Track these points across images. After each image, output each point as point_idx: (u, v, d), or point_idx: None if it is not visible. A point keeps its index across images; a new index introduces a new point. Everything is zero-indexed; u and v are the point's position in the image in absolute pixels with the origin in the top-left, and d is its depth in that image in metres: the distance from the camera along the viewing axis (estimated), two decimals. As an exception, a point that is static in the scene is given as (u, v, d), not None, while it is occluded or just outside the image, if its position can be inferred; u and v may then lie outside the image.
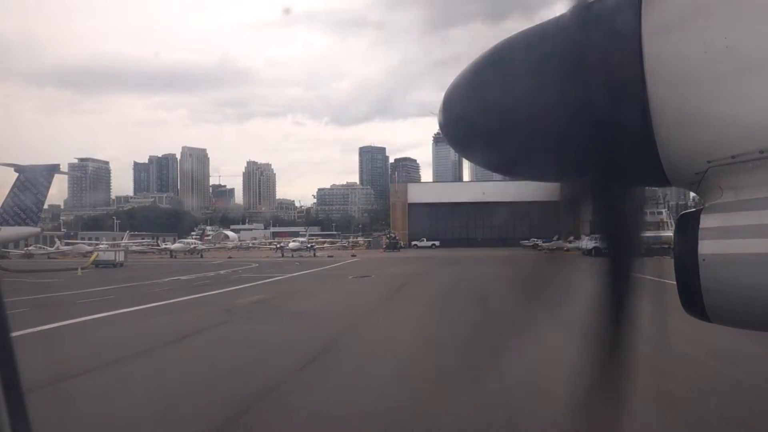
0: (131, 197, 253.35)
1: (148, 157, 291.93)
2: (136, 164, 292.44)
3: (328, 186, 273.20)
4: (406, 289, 28.19)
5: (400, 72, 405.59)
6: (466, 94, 3.29)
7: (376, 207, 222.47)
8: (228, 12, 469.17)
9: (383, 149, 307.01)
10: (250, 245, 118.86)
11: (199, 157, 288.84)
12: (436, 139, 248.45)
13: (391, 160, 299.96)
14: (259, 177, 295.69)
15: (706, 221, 2.54)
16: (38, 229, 57.10)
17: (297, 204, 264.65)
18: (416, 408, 7.89)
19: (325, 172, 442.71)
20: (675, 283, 2.62)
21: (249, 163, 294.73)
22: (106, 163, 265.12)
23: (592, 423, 3.12)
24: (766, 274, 2.34)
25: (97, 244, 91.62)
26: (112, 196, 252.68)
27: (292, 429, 7.23)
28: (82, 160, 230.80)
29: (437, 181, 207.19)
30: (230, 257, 77.31)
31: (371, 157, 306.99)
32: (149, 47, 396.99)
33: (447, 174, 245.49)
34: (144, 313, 19.16)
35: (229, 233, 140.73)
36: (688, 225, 2.59)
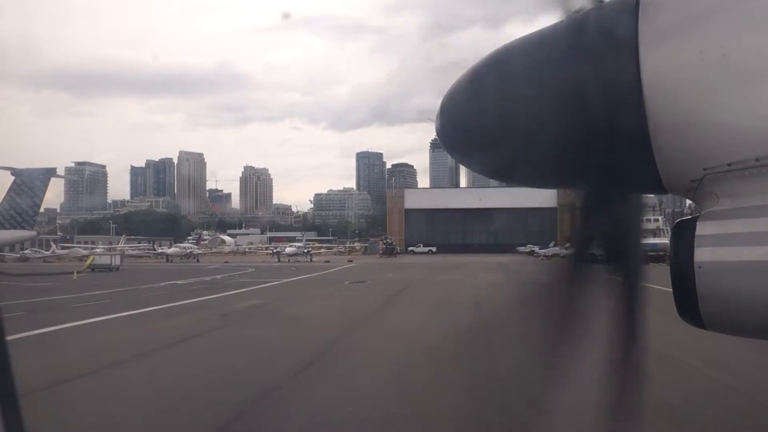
0: (128, 201, 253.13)
1: (145, 161, 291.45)
2: (132, 168, 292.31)
3: (325, 191, 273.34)
4: (403, 294, 28.17)
5: (398, 77, 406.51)
6: (464, 100, 3.30)
7: (372, 212, 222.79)
8: (227, 16, 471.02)
9: (380, 155, 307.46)
10: (247, 250, 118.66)
11: (196, 162, 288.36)
12: (434, 145, 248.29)
13: (389, 165, 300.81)
14: (256, 182, 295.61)
15: (702, 229, 2.54)
16: (34, 233, 56.96)
17: (294, 209, 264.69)
18: (411, 414, 7.88)
19: (322, 177, 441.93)
20: (671, 290, 2.62)
21: (246, 167, 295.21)
22: (103, 166, 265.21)
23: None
24: (762, 282, 2.34)
25: (93, 248, 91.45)
26: (109, 200, 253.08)
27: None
28: (78, 163, 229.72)
29: (434, 187, 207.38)
30: (227, 262, 77.12)
31: (368, 163, 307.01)
32: (147, 50, 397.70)
33: (444, 180, 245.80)
34: (140, 317, 19.09)
35: (226, 238, 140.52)
36: (684, 232, 2.60)
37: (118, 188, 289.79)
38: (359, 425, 7.44)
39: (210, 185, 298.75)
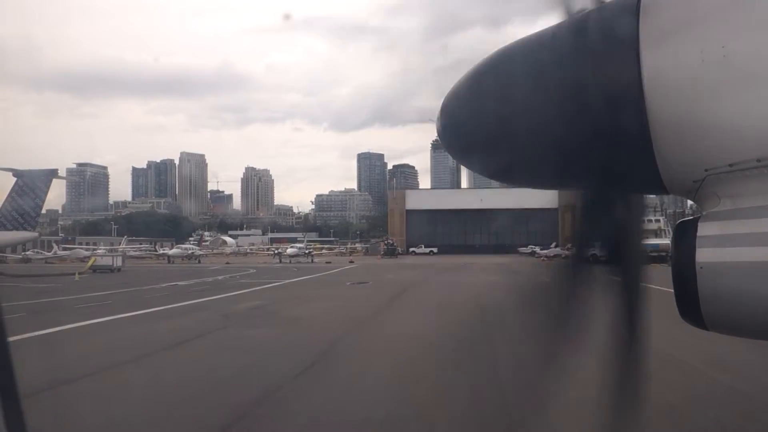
0: (129, 202, 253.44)
1: (146, 162, 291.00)
2: (134, 169, 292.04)
3: (326, 192, 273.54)
4: (404, 295, 28.16)
5: (399, 78, 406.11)
6: (465, 101, 3.30)
7: (374, 213, 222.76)
8: (228, 17, 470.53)
9: (381, 155, 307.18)
10: (248, 251, 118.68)
11: (197, 163, 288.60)
12: (435, 146, 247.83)
13: (390, 166, 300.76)
14: (257, 183, 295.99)
15: (704, 229, 2.54)
16: (36, 234, 57.18)
17: (295, 210, 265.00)
18: (413, 414, 7.89)
19: (323, 178, 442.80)
20: (672, 290, 2.62)
21: (247, 168, 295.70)
22: (105, 168, 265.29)
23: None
24: (763, 283, 2.35)
25: (94, 249, 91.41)
26: (110, 201, 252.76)
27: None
28: (80, 164, 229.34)
29: (435, 188, 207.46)
30: (228, 263, 77.02)
31: (370, 164, 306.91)
32: (149, 52, 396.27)
33: (445, 181, 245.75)
34: (141, 319, 19.09)
35: (227, 239, 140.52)
36: (685, 233, 2.60)
37: (120, 189, 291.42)
38: (360, 426, 7.43)
39: (211, 186, 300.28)
